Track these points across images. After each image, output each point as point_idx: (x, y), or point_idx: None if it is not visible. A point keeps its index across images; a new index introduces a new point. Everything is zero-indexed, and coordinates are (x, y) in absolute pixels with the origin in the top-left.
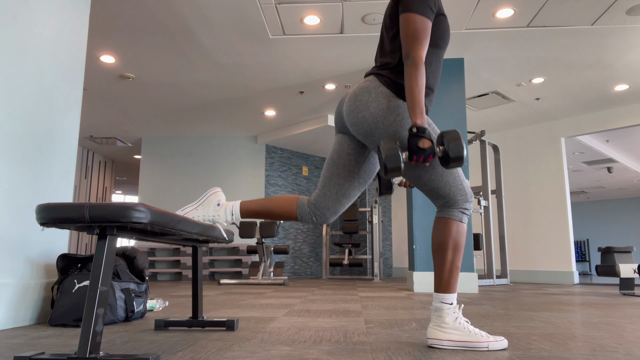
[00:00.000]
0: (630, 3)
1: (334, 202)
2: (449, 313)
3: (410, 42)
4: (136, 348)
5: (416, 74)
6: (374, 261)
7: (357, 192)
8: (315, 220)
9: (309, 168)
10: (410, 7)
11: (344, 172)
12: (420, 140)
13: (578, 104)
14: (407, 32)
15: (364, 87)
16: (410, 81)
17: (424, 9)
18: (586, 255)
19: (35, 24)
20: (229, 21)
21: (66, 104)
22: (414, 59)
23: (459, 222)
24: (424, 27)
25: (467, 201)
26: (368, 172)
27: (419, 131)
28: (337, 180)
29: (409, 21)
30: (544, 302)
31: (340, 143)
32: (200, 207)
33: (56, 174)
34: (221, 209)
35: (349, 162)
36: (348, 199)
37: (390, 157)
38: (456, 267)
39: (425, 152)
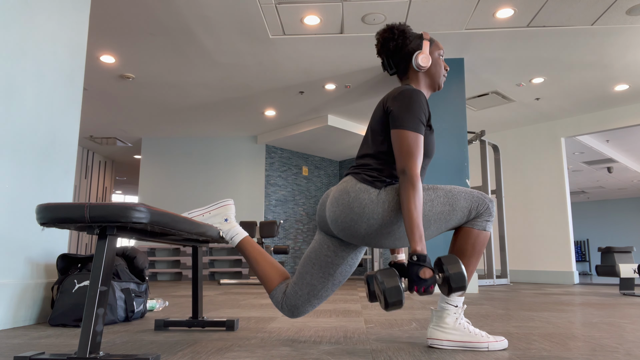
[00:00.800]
0: (630, 3)
1: (303, 302)
2: (450, 314)
3: (405, 159)
4: (136, 348)
5: (414, 193)
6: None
7: (329, 292)
8: (282, 311)
9: (309, 168)
10: (405, 124)
11: (319, 273)
12: (421, 269)
13: (578, 104)
14: (401, 149)
15: (342, 190)
16: (408, 202)
17: (417, 125)
18: (586, 255)
19: (35, 24)
20: (229, 21)
21: (66, 104)
22: (411, 176)
23: (483, 231)
24: (416, 144)
25: (489, 208)
26: (344, 274)
27: (419, 260)
28: (310, 280)
29: (402, 138)
30: (544, 302)
31: (320, 243)
32: (208, 215)
33: (56, 174)
34: (225, 226)
35: (325, 263)
36: (319, 299)
37: (391, 292)
38: (470, 272)
39: (426, 282)
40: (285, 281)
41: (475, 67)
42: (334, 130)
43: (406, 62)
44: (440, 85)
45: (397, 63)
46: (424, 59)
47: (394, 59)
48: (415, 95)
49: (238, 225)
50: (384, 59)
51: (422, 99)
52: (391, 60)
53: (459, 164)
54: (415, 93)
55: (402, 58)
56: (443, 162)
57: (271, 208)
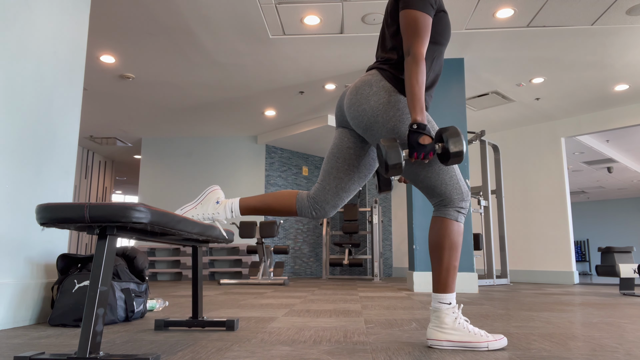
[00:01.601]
0: (630, 3)
1: (333, 196)
2: (448, 313)
3: (411, 38)
4: (136, 348)
5: (417, 70)
6: (374, 261)
7: (356, 186)
8: (315, 214)
9: (309, 168)
10: (411, 4)
11: (344, 165)
12: (421, 136)
13: (578, 104)
14: (408, 29)
15: (366, 81)
16: (410, 77)
17: (425, 5)
18: (586, 255)
19: (35, 24)
20: (229, 21)
21: (66, 104)
22: (415, 55)
23: (455, 222)
24: (424, 24)
25: (463, 200)
26: (368, 167)
27: (419, 128)
28: (337, 174)
29: (410, 17)
30: (544, 302)
31: (340, 137)
32: (200, 205)
33: (56, 174)
34: (220, 207)
35: (348, 155)
36: (348, 192)
37: (391, 155)
38: (453, 267)
39: (425, 148)
40: (299, 193)
41: (475, 67)
42: (334, 130)
43: None
44: None
45: None
46: None
47: None
48: None
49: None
50: None
51: None
52: None
53: (459, 164)
54: None
55: None
56: None
57: None
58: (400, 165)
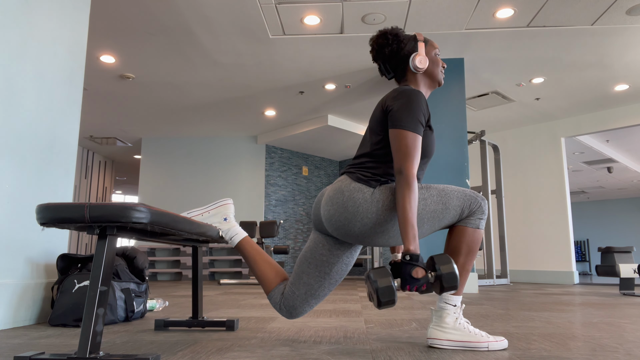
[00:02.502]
0: (630, 3)
1: (301, 302)
2: (450, 313)
3: (402, 159)
4: (136, 348)
5: (409, 192)
6: (374, 261)
7: (326, 292)
8: (280, 312)
9: (309, 168)
10: (402, 124)
11: (315, 272)
12: (414, 269)
13: (578, 104)
14: (399, 149)
15: (337, 189)
16: (403, 201)
17: (415, 125)
18: (586, 255)
19: (35, 24)
20: (229, 21)
21: (66, 104)
22: (407, 176)
23: (477, 229)
24: (414, 144)
25: (481, 206)
26: (340, 273)
27: (412, 259)
28: (307, 280)
29: (401, 138)
30: (544, 302)
31: (315, 242)
32: (207, 214)
33: (56, 174)
34: (224, 226)
35: (321, 262)
36: (316, 299)
37: (384, 291)
38: (466, 271)
39: (419, 282)
40: (284, 282)
41: (475, 67)
42: (334, 130)
43: (403, 65)
44: (440, 81)
45: (394, 67)
46: (421, 61)
47: (391, 63)
48: (415, 95)
49: (237, 225)
50: (380, 65)
51: (421, 99)
52: (388, 65)
53: (459, 164)
54: (414, 93)
55: (399, 62)
56: (443, 162)
57: (271, 208)
58: (394, 301)
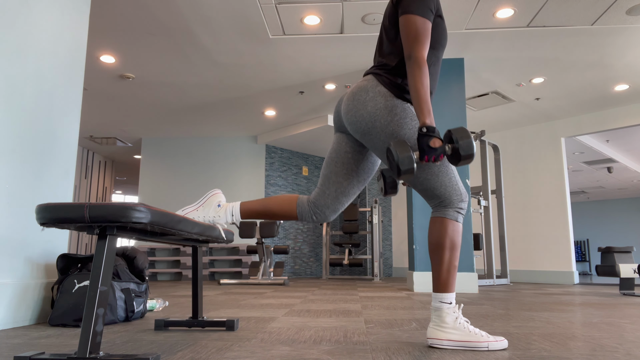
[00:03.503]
0: (630, 3)
1: (333, 201)
2: (449, 313)
3: (412, 43)
4: (136, 348)
5: (420, 73)
6: (374, 261)
7: (356, 190)
8: (315, 219)
9: (309, 168)
10: (410, 9)
11: (343, 170)
12: (431, 139)
13: (578, 104)
14: (408, 34)
15: (362, 87)
16: (415, 81)
17: (424, 10)
18: (586, 255)
19: (35, 24)
20: (229, 21)
21: (66, 104)
22: (417, 59)
23: (455, 222)
24: (424, 28)
25: (462, 200)
26: (367, 171)
27: (429, 131)
28: (336, 179)
29: (410, 22)
30: (544, 302)
31: (338, 142)
32: (201, 208)
33: (56, 174)
34: (221, 210)
35: (347, 160)
36: (347, 197)
37: (404, 160)
38: (454, 267)
39: (436, 151)
40: (300, 198)
41: (475, 67)
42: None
43: None
44: None
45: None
46: None
47: None
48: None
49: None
50: None
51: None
52: None
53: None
54: None
55: None
56: None
57: None
58: (413, 170)
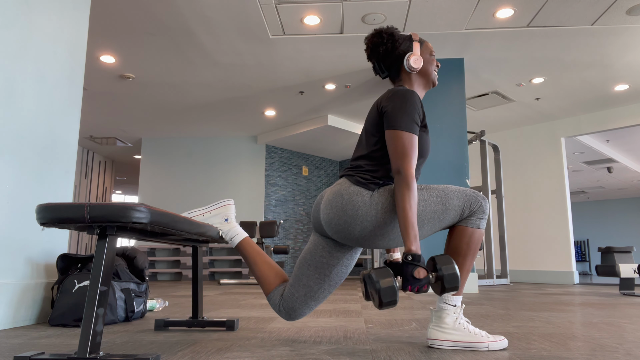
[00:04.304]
0: (630, 3)
1: (300, 304)
2: (449, 314)
3: (400, 159)
4: (136, 348)
5: (409, 193)
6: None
7: (326, 294)
8: (279, 314)
9: (309, 168)
10: (397, 124)
11: (315, 274)
12: (416, 269)
13: (578, 104)
14: (395, 149)
15: (335, 192)
16: (403, 202)
17: (411, 126)
18: (586, 255)
19: (35, 24)
20: (229, 21)
21: (66, 104)
22: (405, 176)
23: (476, 229)
24: (411, 144)
25: (482, 206)
26: (340, 275)
27: (414, 259)
28: (307, 282)
29: (397, 138)
30: (544, 302)
31: (314, 243)
32: (209, 214)
33: (56, 174)
34: (225, 227)
35: (320, 265)
36: (316, 301)
37: (387, 292)
38: (466, 271)
39: (420, 282)
40: (283, 284)
41: (475, 67)
42: (334, 130)
43: (398, 64)
44: (434, 81)
45: (388, 67)
46: (415, 61)
47: (385, 62)
48: (410, 95)
49: (238, 225)
50: (375, 64)
51: (416, 99)
52: (382, 64)
53: (459, 164)
54: (409, 93)
55: (393, 61)
56: (443, 162)
57: (271, 208)
58: (396, 302)
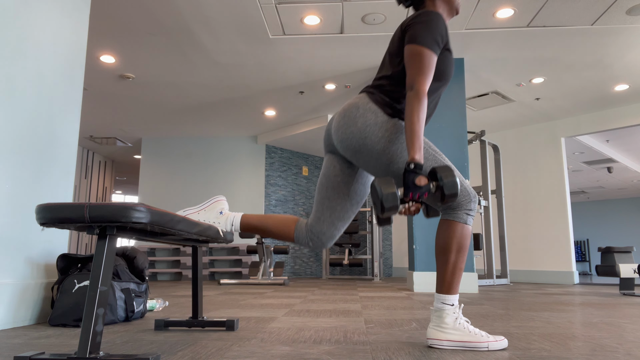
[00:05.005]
0: (630, 3)
1: (329, 227)
2: (449, 313)
3: (415, 74)
4: (136, 348)
5: (419, 107)
6: (374, 261)
7: (351, 214)
8: (311, 245)
9: (309, 168)
10: (418, 40)
11: (335, 194)
12: (417, 177)
13: (578, 104)
14: (413, 65)
15: (353, 104)
16: (411, 114)
17: (431, 43)
18: (586, 255)
19: (35, 24)
20: (229, 21)
21: (66, 104)
22: (418, 92)
23: (464, 224)
24: (429, 61)
25: (471, 201)
26: (359, 193)
27: (417, 167)
28: (329, 204)
29: (415, 54)
30: (544, 302)
31: (328, 165)
32: (203, 211)
33: (56, 174)
34: (222, 217)
35: (337, 184)
36: (343, 221)
37: (388, 197)
38: (459, 269)
39: (421, 189)
40: (299, 221)
41: (475, 67)
42: None
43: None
44: (457, 8)
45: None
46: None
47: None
48: (434, 15)
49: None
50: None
51: (440, 20)
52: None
53: (459, 164)
54: (434, 14)
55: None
56: None
57: (271, 208)
58: (397, 208)
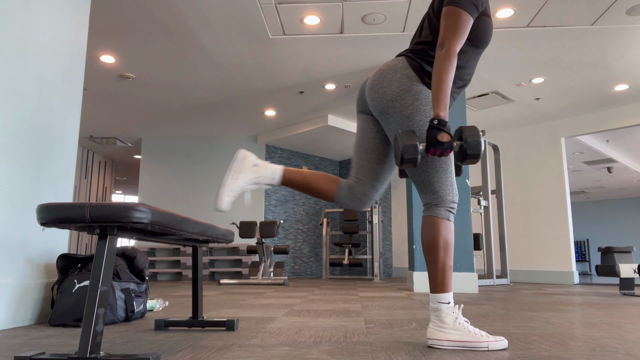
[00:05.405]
0: (630, 3)
1: (370, 188)
2: (448, 313)
3: (448, 33)
4: (136, 348)
5: (447, 65)
6: (374, 261)
7: (388, 175)
8: (352, 205)
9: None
10: (456, 2)
11: (374, 156)
12: (440, 133)
13: (578, 104)
14: (447, 24)
15: (391, 65)
16: (439, 71)
17: (469, 6)
18: (586, 255)
19: (35, 24)
20: (229, 21)
21: (66, 104)
22: (449, 50)
23: (447, 221)
24: (464, 23)
25: (454, 200)
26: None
27: (440, 124)
28: (370, 165)
29: (452, 14)
30: (544, 302)
31: (363, 127)
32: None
33: (56, 174)
34: (261, 169)
35: (376, 146)
36: (383, 182)
37: (408, 149)
38: (449, 266)
39: (442, 146)
40: (340, 181)
41: None
42: (334, 130)
43: None
44: None
45: None
46: None
47: None
48: None
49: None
50: None
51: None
52: None
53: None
54: None
55: None
56: None
57: (271, 208)
58: (416, 160)
